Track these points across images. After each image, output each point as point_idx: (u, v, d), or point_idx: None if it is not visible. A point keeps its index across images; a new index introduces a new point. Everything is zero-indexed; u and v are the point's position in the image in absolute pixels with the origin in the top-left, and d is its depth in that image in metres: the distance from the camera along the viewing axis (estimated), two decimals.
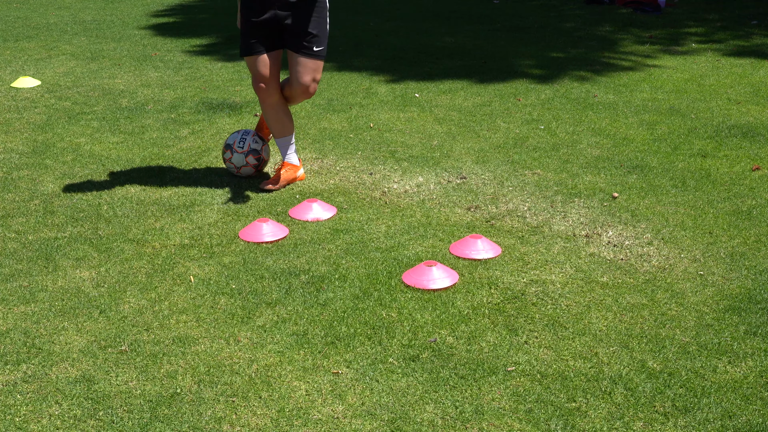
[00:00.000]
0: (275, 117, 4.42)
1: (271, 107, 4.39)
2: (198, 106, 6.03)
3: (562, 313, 3.16)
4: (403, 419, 2.57)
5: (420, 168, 4.74)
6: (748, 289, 3.32)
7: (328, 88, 6.55)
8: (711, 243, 3.73)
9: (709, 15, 9.62)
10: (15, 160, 4.95)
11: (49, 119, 5.77)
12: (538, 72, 6.93)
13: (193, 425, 2.55)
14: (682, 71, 6.92)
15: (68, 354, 2.93)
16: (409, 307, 3.21)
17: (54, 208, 4.21)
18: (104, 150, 5.12)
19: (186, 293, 3.34)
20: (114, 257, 3.67)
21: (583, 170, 4.65)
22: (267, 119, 4.46)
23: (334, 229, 3.91)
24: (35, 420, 2.58)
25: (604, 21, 9.27)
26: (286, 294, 3.32)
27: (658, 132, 5.31)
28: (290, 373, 2.81)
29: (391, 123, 5.60)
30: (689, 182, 4.44)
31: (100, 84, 6.75)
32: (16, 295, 3.35)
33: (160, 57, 7.79)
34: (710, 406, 2.61)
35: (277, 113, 4.41)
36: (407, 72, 7.01)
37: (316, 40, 4.23)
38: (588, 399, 2.65)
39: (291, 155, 4.50)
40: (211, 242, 3.80)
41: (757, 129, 5.33)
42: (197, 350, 2.94)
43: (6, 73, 7.15)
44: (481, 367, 2.81)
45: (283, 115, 4.42)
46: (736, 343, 2.94)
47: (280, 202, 4.26)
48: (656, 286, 3.36)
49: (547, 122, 5.54)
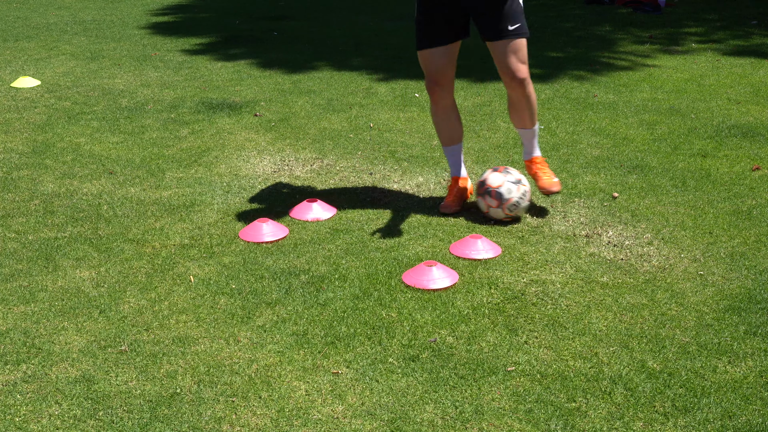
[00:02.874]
0: (446, 122, 4.06)
1: (443, 111, 4.03)
2: (198, 106, 6.03)
3: (562, 313, 3.16)
4: (403, 419, 2.57)
5: (420, 168, 4.74)
6: (748, 289, 3.32)
7: (327, 88, 6.55)
8: (711, 243, 3.73)
9: (708, 15, 9.62)
10: (15, 160, 4.95)
11: (49, 119, 5.77)
12: (538, 72, 6.92)
13: (193, 425, 2.55)
14: (682, 71, 6.92)
15: (68, 354, 2.93)
16: (409, 307, 3.21)
17: (54, 208, 4.21)
18: (104, 150, 5.12)
19: (186, 293, 3.34)
20: (114, 257, 3.67)
21: (583, 170, 4.65)
22: (436, 125, 4.10)
23: (334, 229, 3.91)
24: (35, 420, 2.58)
25: (604, 21, 9.27)
26: (286, 294, 3.32)
27: (658, 132, 5.31)
28: (290, 373, 2.81)
29: (391, 123, 5.61)
30: (689, 182, 4.44)
31: (100, 84, 6.75)
32: (16, 295, 3.35)
33: (160, 57, 7.79)
34: (710, 406, 2.61)
35: (449, 118, 4.06)
36: (407, 72, 7.01)
37: (508, 17, 3.77)
38: (588, 399, 2.65)
39: (463, 169, 4.17)
40: (211, 242, 3.80)
41: (757, 129, 5.33)
42: (197, 350, 2.94)
43: (6, 73, 7.15)
44: (481, 367, 2.81)
45: (455, 120, 4.08)
46: (736, 343, 2.94)
47: (280, 202, 4.26)
48: (656, 286, 3.36)
49: (547, 122, 5.54)
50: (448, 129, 4.09)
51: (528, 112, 3.97)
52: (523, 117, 4.00)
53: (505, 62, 3.81)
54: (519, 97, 3.91)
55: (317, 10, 10.33)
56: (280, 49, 8.02)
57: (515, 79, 3.83)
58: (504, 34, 3.77)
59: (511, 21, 3.77)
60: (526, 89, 3.88)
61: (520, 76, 3.83)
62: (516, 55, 3.80)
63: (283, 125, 5.58)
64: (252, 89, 6.52)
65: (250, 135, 5.37)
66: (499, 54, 3.82)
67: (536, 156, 4.13)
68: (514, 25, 3.77)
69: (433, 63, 3.91)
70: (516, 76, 3.82)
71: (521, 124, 4.04)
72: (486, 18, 3.80)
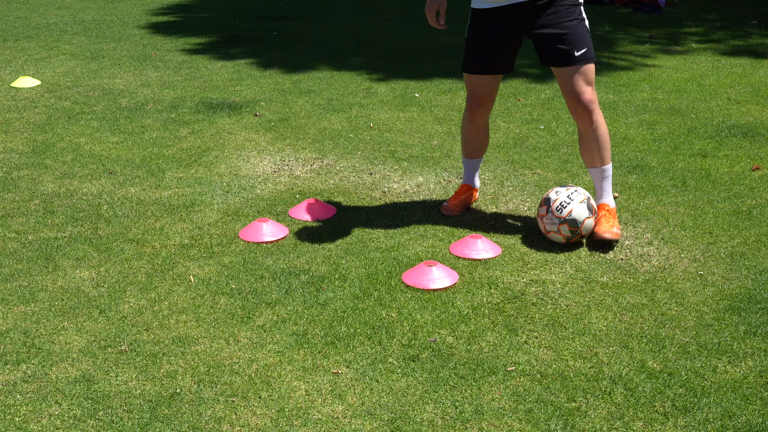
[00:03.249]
0: (475, 137, 4.01)
1: (477, 128, 3.98)
2: (198, 106, 6.03)
3: (562, 313, 3.16)
4: (403, 419, 2.57)
5: (420, 168, 4.74)
6: (748, 289, 3.32)
7: (327, 88, 6.55)
8: (711, 243, 3.73)
9: (708, 15, 9.62)
10: (15, 160, 4.95)
11: (49, 119, 5.77)
12: (538, 72, 6.92)
13: (192, 425, 2.55)
14: (682, 71, 6.92)
15: (68, 354, 2.93)
16: (409, 307, 3.21)
17: (54, 208, 4.21)
18: (104, 150, 5.12)
19: (186, 293, 3.34)
20: (114, 257, 3.67)
21: (583, 170, 4.65)
22: (464, 136, 4.03)
23: (334, 229, 3.91)
24: (35, 420, 2.58)
25: (604, 21, 9.27)
26: (286, 294, 3.32)
27: (658, 132, 5.31)
28: (290, 373, 2.81)
29: (391, 123, 5.60)
30: (689, 182, 4.44)
31: (100, 84, 6.75)
32: (16, 295, 3.35)
33: (159, 57, 7.79)
34: (710, 406, 2.61)
35: (480, 135, 4.01)
36: (407, 72, 7.01)
37: (574, 42, 3.57)
38: (588, 399, 2.65)
39: (477, 179, 4.18)
40: (211, 242, 3.80)
41: (757, 129, 5.33)
42: (197, 350, 2.94)
43: (6, 73, 7.15)
44: (481, 367, 2.81)
45: (483, 136, 4.03)
46: (736, 343, 2.95)
47: (280, 202, 4.26)
48: (656, 286, 3.36)
49: (547, 122, 5.54)
50: (475, 143, 4.04)
51: (596, 145, 3.70)
52: (591, 151, 3.72)
53: (571, 85, 3.60)
54: (586, 127, 3.66)
55: (317, 10, 10.33)
56: (280, 49, 8.02)
57: (581, 102, 3.60)
58: (571, 60, 3.57)
59: (578, 46, 3.56)
60: (593, 116, 3.63)
61: (585, 98, 3.60)
62: (582, 77, 3.60)
63: (283, 125, 5.58)
64: (252, 89, 6.52)
65: (250, 135, 5.37)
66: (566, 79, 3.61)
67: (603, 203, 3.80)
68: (581, 50, 3.57)
69: (477, 87, 3.83)
70: (581, 98, 3.60)
71: (590, 162, 3.76)
72: (550, 44, 3.59)
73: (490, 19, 3.66)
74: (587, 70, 3.60)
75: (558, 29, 3.56)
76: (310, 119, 5.72)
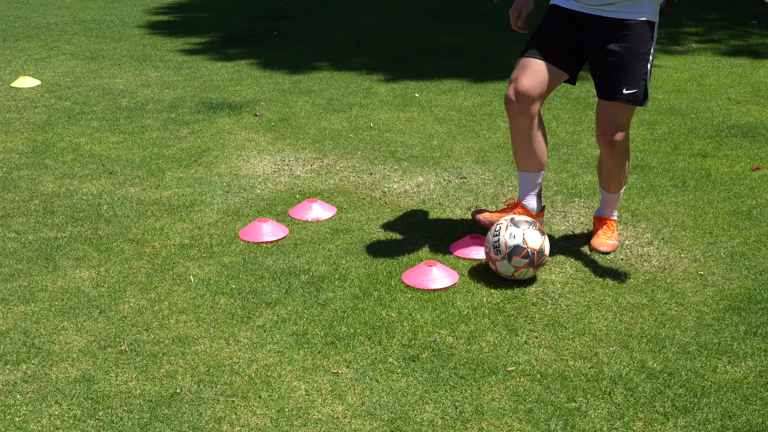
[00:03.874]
0: (521, 143, 3.52)
1: (518, 131, 3.50)
2: (198, 106, 6.03)
3: (562, 313, 3.16)
4: (403, 419, 2.57)
5: (420, 168, 4.74)
6: (748, 289, 3.32)
7: (327, 88, 6.55)
8: (711, 243, 3.73)
9: (708, 15, 9.62)
10: (15, 160, 4.95)
11: (49, 119, 5.77)
12: None
13: (192, 425, 2.55)
14: (682, 71, 6.92)
15: (68, 354, 2.93)
16: (409, 307, 3.21)
17: (54, 208, 4.21)
18: (104, 150, 5.12)
19: (186, 293, 3.34)
20: (114, 257, 3.67)
21: (583, 170, 4.65)
22: (513, 143, 3.58)
23: (334, 229, 3.91)
24: (35, 420, 2.58)
25: None
26: (286, 294, 3.32)
27: (658, 132, 5.32)
28: (290, 373, 2.80)
29: (391, 123, 5.61)
30: (689, 182, 4.44)
31: (100, 84, 6.75)
32: (16, 295, 3.35)
33: (159, 57, 7.79)
34: (710, 406, 2.61)
35: (524, 140, 3.51)
36: (407, 72, 7.01)
37: (626, 78, 3.31)
38: (588, 399, 2.65)
39: (530, 198, 3.65)
40: (211, 242, 3.80)
41: (757, 129, 5.33)
42: (197, 350, 2.94)
43: (6, 73, 7.15)
44: (481, 367, 2.81)
45: (531, 144, 3.51)
46: (736, 343, 2.95)
47: (280, 202, 4.26)
48: (656, 286, 3.36)
49: (547, 122, 5.54)
50: (522, 151, 3.56)
51: (614, 174, 3.59)
52: (607, 180, 3.64)
53: (604, 117, 3.41)
54: (605, 159, 3.54)
55: (317, 10, 10.33)
56: (280, 49, 8.02)
57: (602, 138, 3.43)
58: (617, 96, 3.33)
59: (629, 84, 3.30)
60: (615, 156, 3.47)
61: (608, 138, 3.41)
62: (618, 115, 3.38)
63: (283, 125, 5.58)
64: (252, 89, 6.52)
65: (250, 135, 5.37)
66: (603, 110, 3.42)
67: (605, 216, 3.76)
68: (630, 89, 3.31)
69: (523, 73, 3.41)
70: (603, 137, 3.42)
71: (604, 185, 3.68)
72: (603, 73, 3.37)
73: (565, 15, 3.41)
74: (628, 110, 3.39)
75: (617, 58, 3.30)
76: (310, 119, 5.72)
